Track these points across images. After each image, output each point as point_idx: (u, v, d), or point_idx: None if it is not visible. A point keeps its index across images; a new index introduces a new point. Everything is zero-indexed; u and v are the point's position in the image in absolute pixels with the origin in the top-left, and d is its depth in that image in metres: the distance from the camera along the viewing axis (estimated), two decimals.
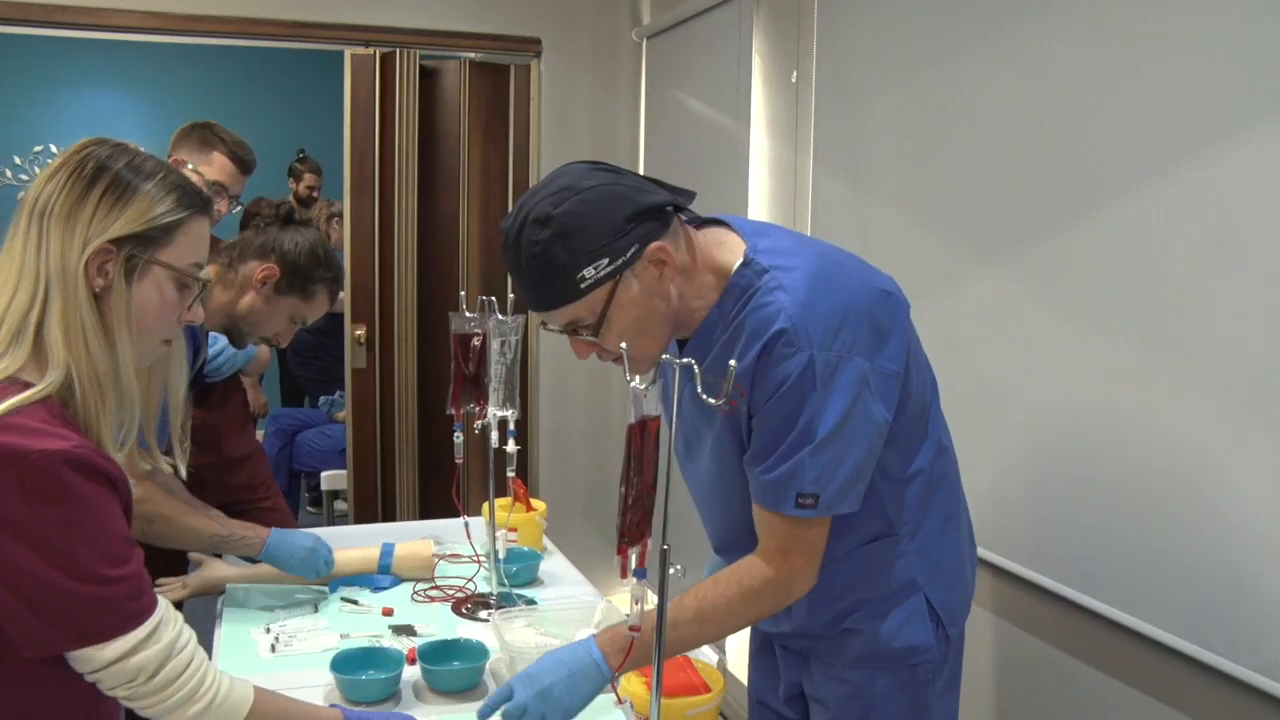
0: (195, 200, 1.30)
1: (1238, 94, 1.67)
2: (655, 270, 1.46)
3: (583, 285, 1.42)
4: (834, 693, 1.65)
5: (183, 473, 1.50)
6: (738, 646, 3.57)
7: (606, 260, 1.41)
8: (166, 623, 1.23)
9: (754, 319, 1.46)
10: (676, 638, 1.50)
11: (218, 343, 2.55)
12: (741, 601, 1.52)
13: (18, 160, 7.00)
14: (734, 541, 1.65)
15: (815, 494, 1.45)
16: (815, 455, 1.44)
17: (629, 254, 1.42)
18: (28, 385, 1.16)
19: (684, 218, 1.55)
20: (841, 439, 1.45)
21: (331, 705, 1.44)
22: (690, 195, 1.53)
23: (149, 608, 1.22)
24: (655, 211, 1.45)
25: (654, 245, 1.44)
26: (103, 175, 1.22)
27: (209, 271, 2.20)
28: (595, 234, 1.40)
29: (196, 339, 2.17)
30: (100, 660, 1.18)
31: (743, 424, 1.52)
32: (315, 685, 1.79)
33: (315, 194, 5.64)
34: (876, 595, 1.59)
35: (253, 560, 2.21)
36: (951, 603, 1.63)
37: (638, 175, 1.50)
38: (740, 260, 1.51)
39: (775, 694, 1.79)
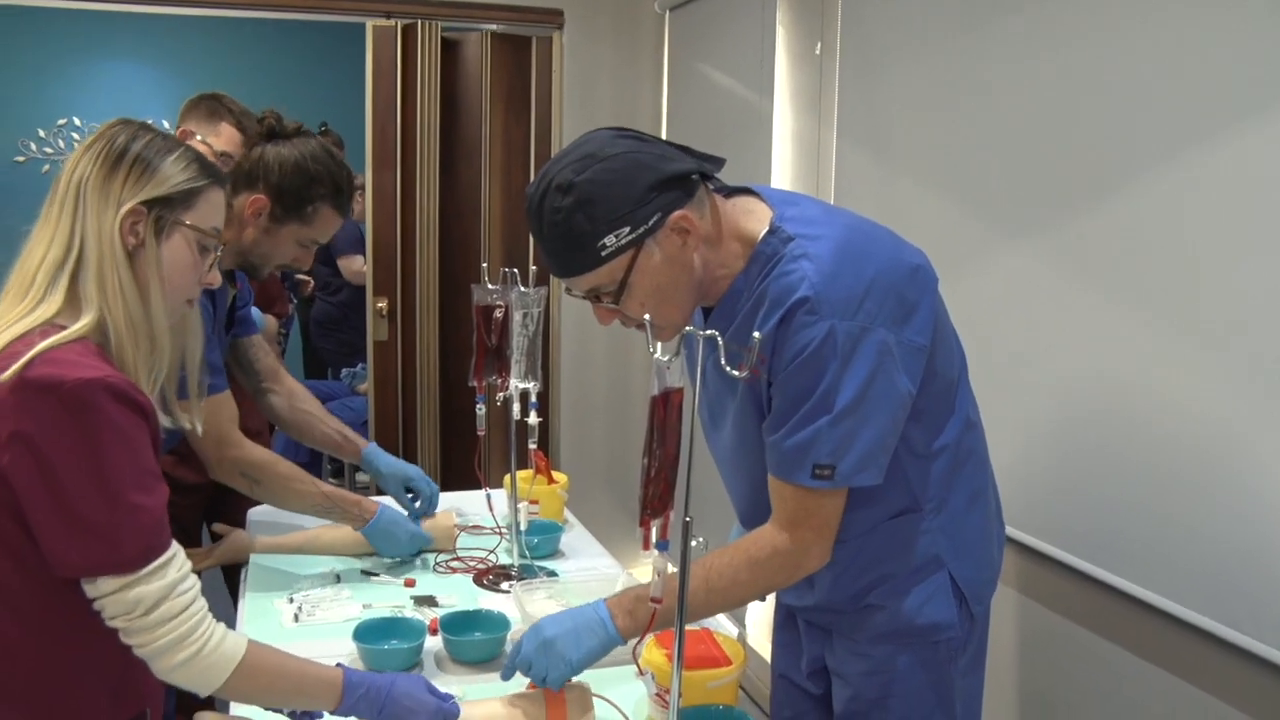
0: (213, 172, 1.43)
1: (1273, 68, 1.64)
2: (678, 239, 1.45)
3: (603, 253, 1.42)
4: (856, 668, 1.65)
5: (199, 429, 1.53)
6: (757, 620, 3.58)
7: (628, 229, 1.41)
8: (174, 564, 1.29)
9: (776, 286, 1.45)
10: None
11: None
12: (748, 572, 1.52)
13: (41, 133, 7.03)
14: (757, 513, 1.64)
15: (831, 465, 1.44)
16: (833, 426, 1.43)
17: (650, 222, 1.42)
18: (63, 328, 1.27)
19: (712, 186, 1.53)
20: (861, 410, 1.43)
21: (336, 664, 1.46)
22: (719, 162, 1.52)
23: (166, 543, 1.29)
24: (679, 180, 1.44)
25: (676, 214, 1.43)
26: (130, 150, 1.35)
27: None
28: (616, 202, 1.40)
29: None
30: (105, 588, 1.24)
31: (763, 392, 1.51)
32: (338, 655, 1.79)
33: None
34: (900, 571, 1.58)
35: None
36: (976, 581, 1.62)
37: (665, 142, 1.48)
38: (766, 229, 1.50)
39: (798, 668, 1.79)
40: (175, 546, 1.30)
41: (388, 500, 2.37)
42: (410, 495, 2.38)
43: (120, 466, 1.24)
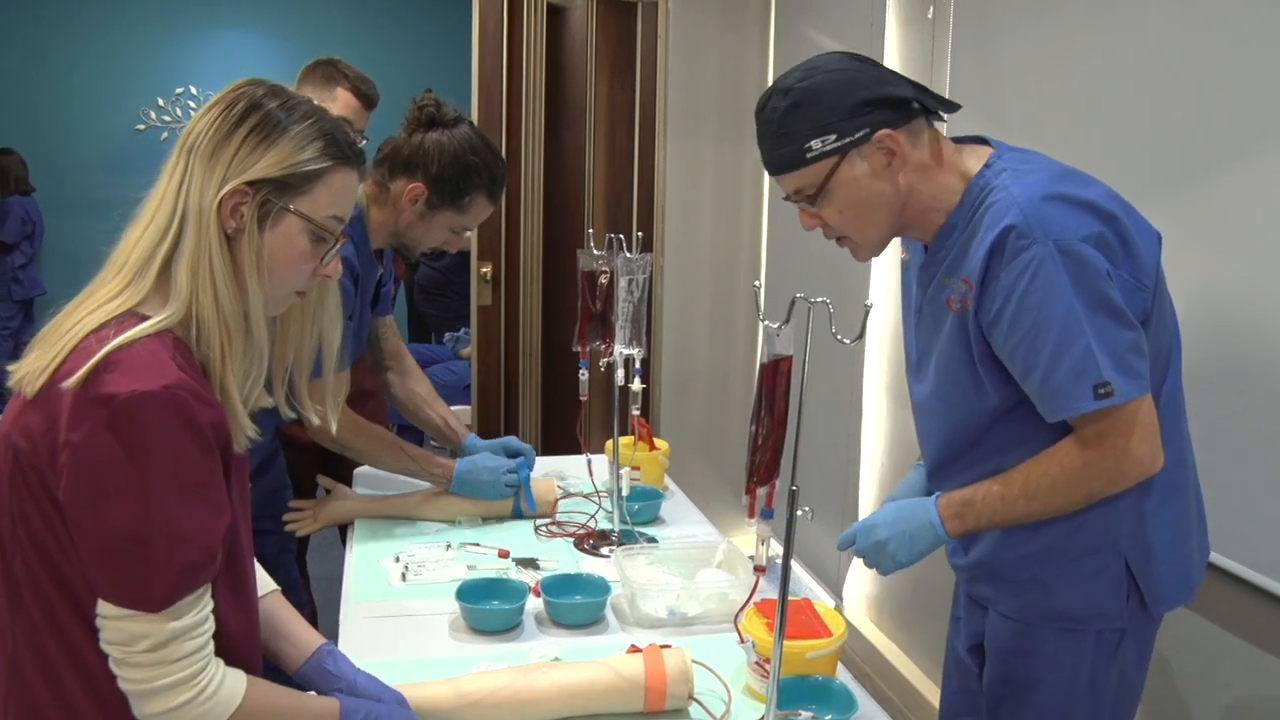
0: (342, 151, 1.25)
1: None
2: (883, 158, 1.50)
3: (808, 154, 1.50)
4: (1008, 646, 1.63)
5: (333, 428, 1.52)
6: (855, 595, 3.56)
7: (834, 136, 1.49)
8: (196, 605, 1.15)
9: (986, 216, 1.48)
10: (1005, 511, 1.52)
11: None
12: (1067, 484, 1.48)
13: (161, 101, 7.24)
14: (952, 460, 1.64)
15: (1108, 380, 1.41)
16: (1102, 338, 1.40)
17: (857, 135, 1.49)
18: (145, 319, 1.15)
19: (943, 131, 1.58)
20: (1110, 315, 1.41)
21: (334, 693, 1.38)
22: (952, 106, 1.56)
23: (199, 583, 1.15)
24: (894, 103, 1.50)
25: (883, 132, 1.49)
26: (251, 114, 1.19)
27: (364, 190, 2.20)
28: (827, 110, 1.48)
29: (355, 261, 2.14)
30: (106, 611, 1.12)
31: (970, 324, 1.51)
32: (442, 613, 1.83)
33: None
34: (1073, 548, 1.54)
35: None
36: (1160, 580, 1.55)
37: (893, 71, 1.55)
38: (984, 164, 1.53)
39: (960, 640, 1.79)
40: (202, 588, 1.16)
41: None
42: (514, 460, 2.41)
43: (165, 494, 1.10)
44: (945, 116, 1.57)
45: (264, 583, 1.47)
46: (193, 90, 7.22)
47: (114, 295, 1.17)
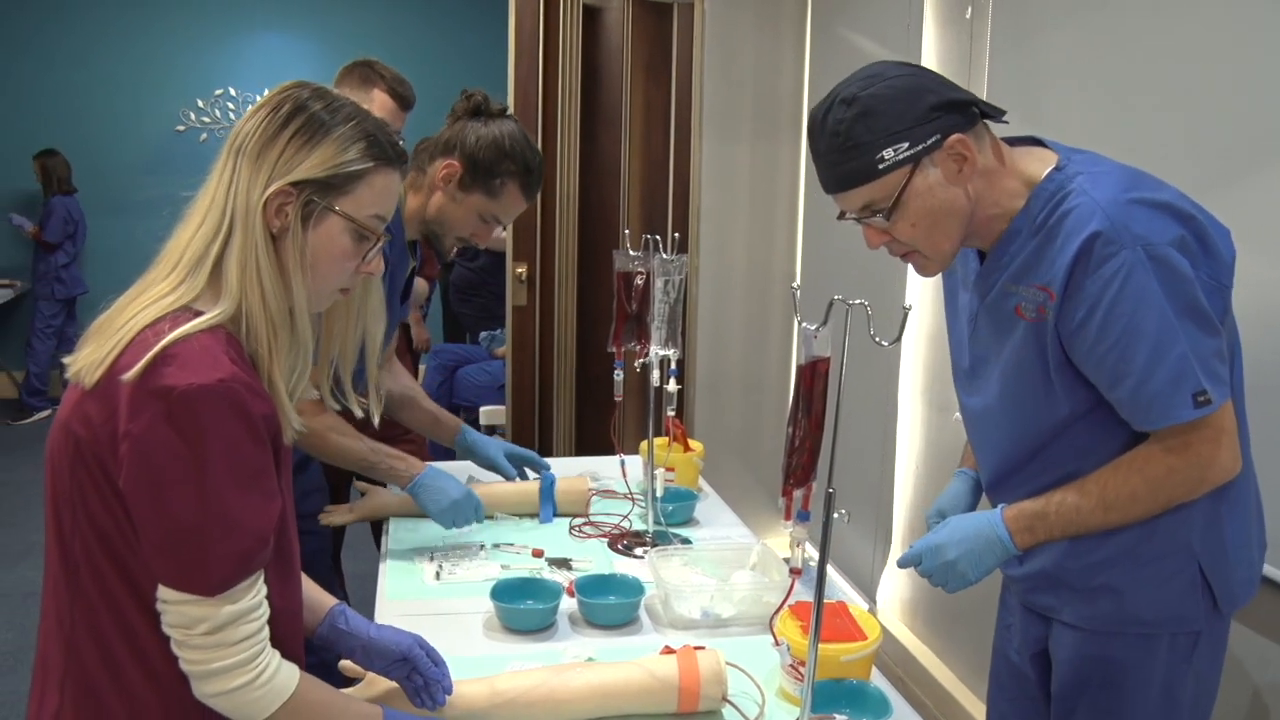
0: (384, 152, 1.28)
1: None
2: (954, 164, 1.45)
3: (881, 165, 1.43)
4: (1078, 654, 1.59)
5: (375, 420, 1.52)
6: (889, 597, 3.53)
7: (907, 144, 1.42)
8: (252, 588, 1.19)
9: (1066, 221, 1.43)
10: (1080, 522, 1.51)
11: None
12: (1148, 492, 1.47)
13: (200, 103, 7.31)
14: (1016, 470, 1.61)
15: (1205, 389, 1.39)
16: (1193, 345, 1.38)
17: (930, 141, 1.43)
18: (199, 314, 1.19)
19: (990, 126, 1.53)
20: (1197, 322, 1.39)
21: (375, 702, 1.40)
22: (998, 112, 1.50)
23: (253, 570, 1.19)
24: (960, 106, 1.44)
25: (955, 137, 1.44)
26: (296, 116, 1.23)
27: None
28: (898, 117, 1.42)
29: (389, 252, 2.12)
30: (168, 595, 1.16)
31: (1049, 333, 1.47)
32: (476, 612, 1.83)
33: None
34: (1145, 553, 1.51)
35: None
36: (1230, 579, 1.52)
37: (946, 78, 1.49)
38: (1052, 168, 1.48)
39: (1015, 649, 1.76)
40: (257, 573, 1.21)
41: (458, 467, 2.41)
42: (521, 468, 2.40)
43: (221, 483, 1.14)
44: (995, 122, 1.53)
45: None
46: (231, 92, 7.28)
47: (169, 291, 1.20)
